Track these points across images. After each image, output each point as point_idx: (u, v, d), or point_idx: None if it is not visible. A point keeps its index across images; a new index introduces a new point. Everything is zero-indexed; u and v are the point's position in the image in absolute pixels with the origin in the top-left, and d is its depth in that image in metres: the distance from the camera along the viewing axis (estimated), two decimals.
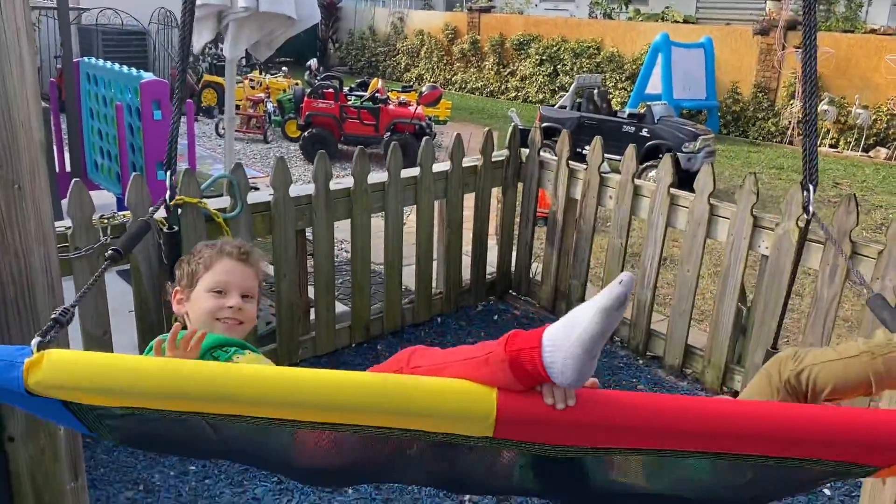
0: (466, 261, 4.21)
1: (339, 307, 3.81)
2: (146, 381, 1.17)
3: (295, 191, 3.34)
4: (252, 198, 3.20)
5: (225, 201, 3.16)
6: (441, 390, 1.18)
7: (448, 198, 3.95)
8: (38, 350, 1.19)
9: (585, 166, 3.89)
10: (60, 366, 1.16)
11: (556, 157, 4.03)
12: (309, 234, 3.51)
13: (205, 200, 3.02)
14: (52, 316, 1.37)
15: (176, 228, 2.58)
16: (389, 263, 3.75)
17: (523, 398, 1.18)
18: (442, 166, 3.94)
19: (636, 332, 3.79)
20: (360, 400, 1.16)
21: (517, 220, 4.31)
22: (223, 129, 8.92)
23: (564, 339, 1.12)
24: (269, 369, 1.23)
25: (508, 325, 4.03)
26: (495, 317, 4.13)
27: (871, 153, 11.80)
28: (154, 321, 3.00)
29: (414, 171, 3.78)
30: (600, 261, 4.17)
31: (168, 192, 2.41)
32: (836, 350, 1.51)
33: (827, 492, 2.86)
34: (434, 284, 4.07)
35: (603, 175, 3.81)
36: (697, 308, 3.74)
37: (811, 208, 2.06)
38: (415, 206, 3.82)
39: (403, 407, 1.18)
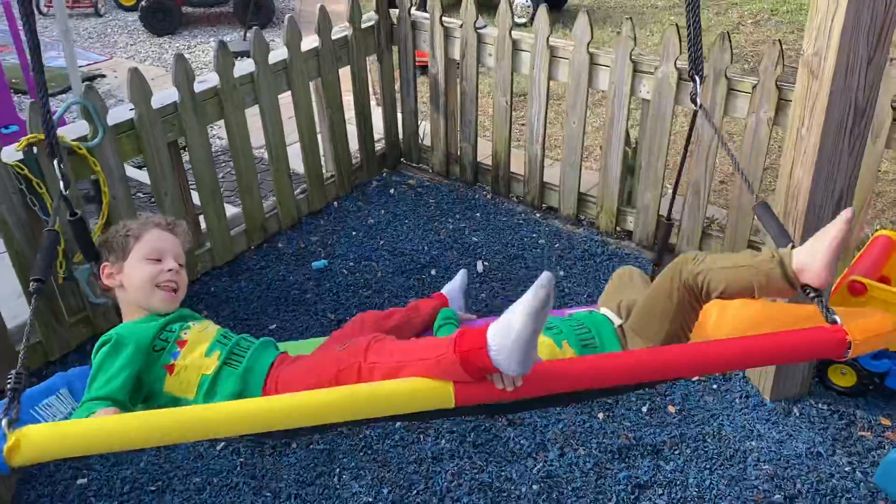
0: (354, 137, 4.07)
1: (230, 210, 3.65)
2: (117, 440, 1.32)
3: (158, 101, 3.05)
4: (112, 118, 2.92)
5: (82, 127, 2.87)
6: (404, 392, 1.40)
7: (323, 76, 3.73)
8: (9, 428, 1.26)
9: (460, 23, 3.73)
10: (39, 444, 1.26)
11: (428, 16, 3.84)
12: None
13: (61, 133, 2.72)
14: (8, 385, 1.35)
15: (78, 214, 1.96)
16: (275, 158, 3.58)
17: (476, 387, 1.40)
18: (310, 42, 3.67)
19: (530, 187, 3.85)
20: (339, 412, 1.39)
21: (397, 86, 4.16)
22: (46, 5, 7.92)
23: (505, 339, 1.32)
24: (230, 408, 1.39)
25: (406, 197, 4.01)
26: (391, 191, 4.08)
27: None
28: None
29: (282, 55, 3.52)
30: (490, 116, 4.12)
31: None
32: (731, 258, 1.69)
33: None
34: (324, 169, 3.94)
35: (480, 32, 3.68)
36: (589, 152, 3.82)
37: (699, 100, 2.07)
38: (290, 92, 3.59)
39: (375, 411, 1.43)
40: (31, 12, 1.75)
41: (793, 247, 1.65)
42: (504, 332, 1.32)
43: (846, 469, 2.46)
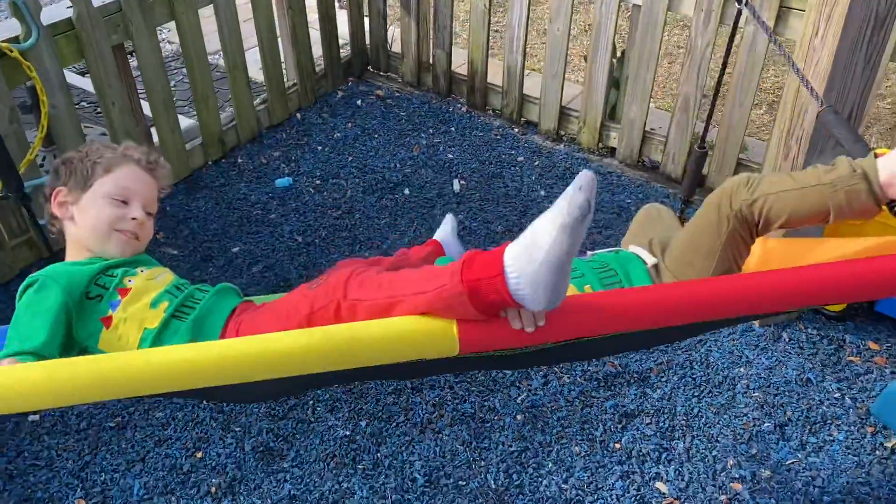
0: (317, 43, 3.76)
1: (184, 122, 3.36)
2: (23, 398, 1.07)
3: None
4: (48, 17, 2.58)
5: (13, 27, 2.54)
6: (393, 335, 1.10)
7: None
8: None
9: None
10: None
11: None
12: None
13: None
14: None
15: None
16: (232, 66, 3.27)
17: (486, 326, 1.11)
18: None
19: (509, 99, 3.62)
20: (323, 360, 1.11)
21: None
22: None
23: (528, 262, 1.03)
24: (179, 355, 1.09)
25: (374, 109, 3.75)
26: (359, 101, 3.81)
27: None
28: None
29: None
30: (465, 25, 3.84)
31: None
32: (793, 178, 1.40)
33: None
34: (286, 77, 3.64)
35: None
36: (568, 64, 3.55)
37: None
38: None
39: (356, 358, 1.12)
40: None
41: (875, 155, 1.38)
42: (527, 253, 1.03)
43: (836, 395, 2.40)
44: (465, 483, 2.16)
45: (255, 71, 3.52)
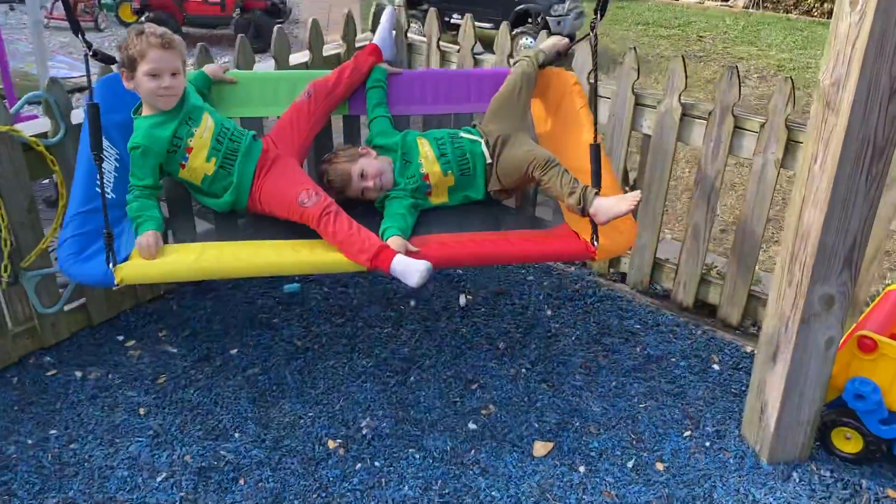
0: None
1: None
2: (187, 273, 2.34)
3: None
4: (78, 117, 2.73)
5: (44, 124, 2.68)
6: (338, 263, 2.38)
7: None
8: (114, 268, 2.22)
9: (458, 48, 3.58)
10: (133, 276, 2.26)
11: (425, 39, 3.70)
12: None
13: (18, 127, 2.53)
14: (105, 244, 2.23)
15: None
16: None
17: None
18: (300, 57, 3.52)
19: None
20: (300, 267, 2.46)
21: None
22: (48, 16, 7.84)
23: (401, 275, 2.30)
24: (250, 258, 2.37)
25: None
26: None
27: (729, 2, 11.96)
28: None
29: (269, 68, 3.36)
30: None
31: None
32: (562, 181, 2.48)
33: (716, 366, 2.91)
34: None
35: (477, 58, 3.53)
36: None
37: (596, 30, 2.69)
38: None
39: (327, 268, 2.47)
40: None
41: (596, 193, 2.42)
42: (402, 272, 2.29)
43: None
44: None
45: None
